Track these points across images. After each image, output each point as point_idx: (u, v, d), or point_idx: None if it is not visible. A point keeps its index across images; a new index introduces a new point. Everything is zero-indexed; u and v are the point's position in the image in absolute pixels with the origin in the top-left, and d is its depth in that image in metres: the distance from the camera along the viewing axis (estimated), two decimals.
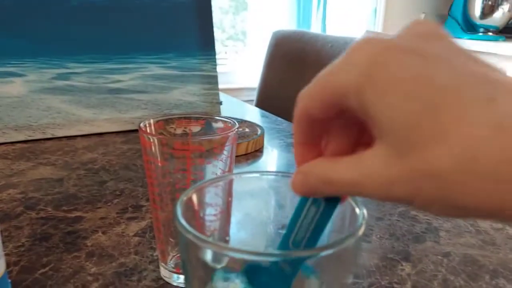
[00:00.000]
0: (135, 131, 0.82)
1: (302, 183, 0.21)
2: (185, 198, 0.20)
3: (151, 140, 0.35)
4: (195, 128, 0.41)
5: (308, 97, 0.21)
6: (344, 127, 0.22)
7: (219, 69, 0.93)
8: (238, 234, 0.31)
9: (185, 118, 0.41)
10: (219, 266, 0.19)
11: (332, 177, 0.20)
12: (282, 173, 0.26)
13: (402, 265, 0.42)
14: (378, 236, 0.47)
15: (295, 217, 0.22)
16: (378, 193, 0.18)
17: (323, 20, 2.21)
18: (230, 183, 0.25)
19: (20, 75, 0.77)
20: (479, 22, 2.16)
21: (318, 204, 0.22)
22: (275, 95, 1.36)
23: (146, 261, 0.41)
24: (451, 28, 2.25)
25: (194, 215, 0.23)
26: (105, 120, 0.81)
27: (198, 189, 0.22)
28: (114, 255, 0.42)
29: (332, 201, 0.22)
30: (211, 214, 0.31)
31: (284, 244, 0.22)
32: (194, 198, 0.22)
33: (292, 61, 1.30)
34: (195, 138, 0.38)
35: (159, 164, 0.35)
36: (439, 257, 0.43)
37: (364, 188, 0.18)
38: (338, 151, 0.22)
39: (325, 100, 0.20)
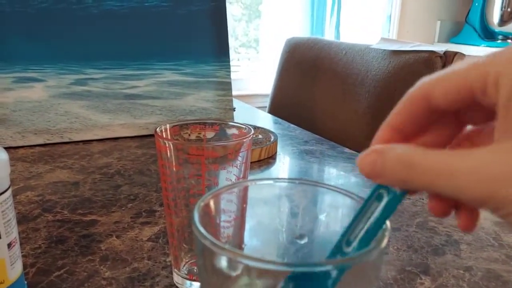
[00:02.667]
0: (150, 136, 0.83)
1: (374, 162, 0.20)
2: (202, 204, 0.21)
3: (167, 145, 0.35)
4: (210, 134, 0.42)
5: (438, 83, 0.20)
6: (450, 124, 0.22)
7: (232, 76, 0.93)
8: (251, 241, 0.31)
9: (200, 123, 0.41)
10: (234, 274, 0.19)
11: (416, 160, 0.18)
12: (296, 180, 0.26)
13: (421, 279, 0.41)
14: (395, 247, 0.46)
15: (355, 216, 0.21)
16: (470, 190, 0.17)
17: (337, 27, 2.21)
18: (245, 189, 0.25)
19: (40, 80, 0.79)
20: (497, 29, 2.13)
21: (380, 199, 0.21)
22: (288, 102, 1.36)
23: (159, 267, 0.41)
24: (468, 35, 2.23)
25: (210, 221, 0.23)
26: (120, 125, 0.82)
27: (215, 195, 0.22)
28: (127, 259, 0.42)
29: (396, 197, 0.21)
30: (226, 221, 0.31)
31: (338, 245, 0.22)
32: (211, 204, 0.22)
33: (306, 68, 1.30)
34: (210, 143, 0.38)
35: (174, 168, 0.36)
36: (461, 271, 0.42)
37: (456, 180, 0.17)
38: (431, 144, 0.21)
39: (455, 90, 0.19)
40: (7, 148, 0.73)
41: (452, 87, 0.19)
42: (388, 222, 0.21)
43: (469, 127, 0.22)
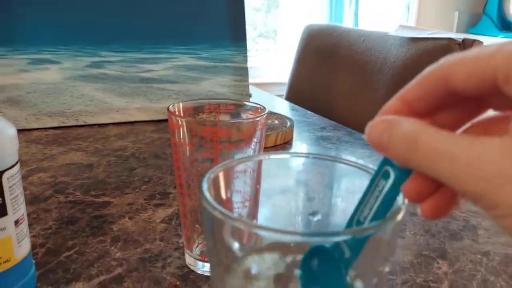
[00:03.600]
0: (166, 120, 0.82)
1: (382, 132, 0.19)
2: (212, 176, 0.19)
3: (180, 122, 0.34)
4: (224, 117, 0.40)
5: (461, 64, 0.18)
6: (467, 107, 0.20)
7: (249, 64, 0.92)
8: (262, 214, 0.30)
9: (213, 103, 0.40)
10: (247, 249, 0.18)
11: (421, 139, 0.17)
12: (313, 155, 0.24)
13: (438, 263, 0.39)
14: (412, 232, 0.45)
15: (363, 196, 0.21)
16: (466, 182, 0.16)
17: (356, 14, 2.17)
18: (259, 164, 0.24)
19: (55, 62, 0.78)
20: None
21: (387, 177, 0.20)
22: (305, 89, 1.34)
23: (171, 248, 0.40)
24: (486, 26, 2.18)
25: (221, 197, 0.21)
26: (136, 109, 0.81)
27: (226, 168, 0.21)
28: (139, 240, 0.41)
29: (402, 175, 0.20)
30: (239, 201, 0.30)
31: (349, 226, 0.21)
32: (221, 176, 0.20)
33: (324, 56, 1.28)
34: (223, 121, 0.37)
35: (187, 147, 0.34)
36: (478, 256, 0.41)
37: (455, 169, 0.16)
38: (442, 124, 0.20)
39: (478, 74, 0.17)
40: (21, 130, 0.72)
41: (474, 71, 0.17)
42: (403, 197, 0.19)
43: (490, 112, 0.20)
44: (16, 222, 0.31)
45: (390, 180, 0.20)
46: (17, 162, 0.31)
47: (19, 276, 0.32)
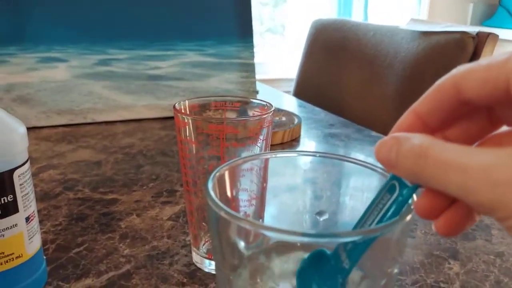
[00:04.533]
0: (173, 117, 0.82)
1: (391, 147, 0.19)
2: (217, 174, 0.19)
3: (186, 120, 0.34)
4: (230, 115, 0.40)
5: (473, 73, 0.18)
6: (480, 121, 0.20)
7: (257, 59, 0.91)
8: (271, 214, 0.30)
9: (220, 100, 0.40)
10: (250, 251, 0.18)
11: (430, 152, 0.17)
12: (319, 153, 0.24)
13: (449, 263, 0.39)
14: (423, 231, 0.44)
15: (367, 208, 0.21)
16: (479, 191, 0.15)
17: (365, 8, 2.15)
18: (266, 162, 0.24)
19: (63, 61, 0.79)
20: None
21: (392, 191, 0.20)
22: (313, 85, 1.33)
23: (178, 246, 0.40)
24: (502, 18, 2.14)
25: (227, 196, 0.21)
26: (143, 106, 0.82)
27: (232, 167, 0.21)
28: (147, 238, 0.41)
29: (407, 191, 0.20)
30: (245, 199, 0.30)
31: None
32: (227, 175, 0.20)
33: (332, 51, 1.27)
34: (229, 119, 0.37)
35: (193, 145, 0.34)
36: (491, 256, 0.40)
37: (466, 178, 0.16)
38: (455, 140, 0.20)
39: (491, 82, 0.17)
40: (31, 128, 0.73)
41: (486, 80, 0.17)
42: (414, 196, 0.19)
43: (503, 128, 0.20)
44: (27, 219, 0.31)
45: (395, 195, 0.20)
46: (27, 160, 0.31)
47: (30, 271, 0.32)
